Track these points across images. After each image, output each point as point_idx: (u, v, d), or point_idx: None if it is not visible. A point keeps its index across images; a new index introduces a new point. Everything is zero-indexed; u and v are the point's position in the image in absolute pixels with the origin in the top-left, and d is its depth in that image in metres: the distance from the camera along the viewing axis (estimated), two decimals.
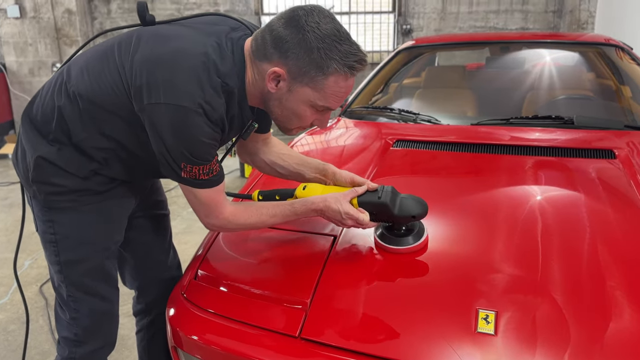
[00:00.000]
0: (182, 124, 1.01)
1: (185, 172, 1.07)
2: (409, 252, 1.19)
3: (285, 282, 1.18)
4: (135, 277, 1.49)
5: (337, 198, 1.18)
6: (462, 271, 1.14)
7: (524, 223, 1.29)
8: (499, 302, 1.04)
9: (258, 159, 1.40)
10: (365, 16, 6.36)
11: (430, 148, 1.77)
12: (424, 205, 1.20)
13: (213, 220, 1.17)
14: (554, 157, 1.63)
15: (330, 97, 1.09)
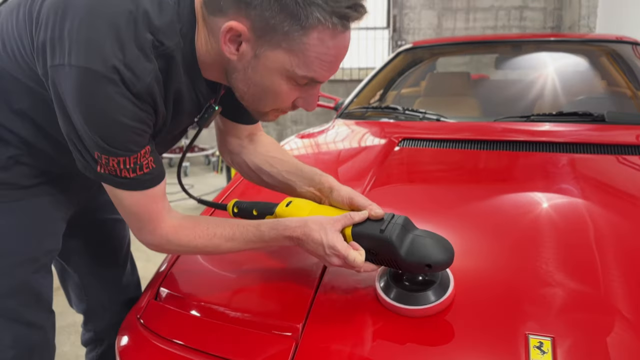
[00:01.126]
0: (89, 96, 0.72)
1: (101, 165, 0.79)
2: (425, 315, 0.82)
3: (271, 303, 0.91)
4: (81, 298, 1.21)
5: (322, 224, 0.83)
6: (502, 287, 0.88)
7: (572, 229, 1.03)
8: (555, 325, 0.78)
9: (240, 161, 1.10)
10: (359, 32, 6.20)
11: (443, 146, 1.52)
12: (447, 248, 0.81)
13: (147, 236, 0.87)
14: (590, 155, 1.39)
15: (313, 62, 0.77)
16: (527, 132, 1.55)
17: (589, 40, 2.39)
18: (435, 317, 0.82)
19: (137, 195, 0.83)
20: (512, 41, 2.50)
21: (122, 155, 0.78)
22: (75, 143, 0.79)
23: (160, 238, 0.87)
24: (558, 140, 1.45)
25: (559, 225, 1.05)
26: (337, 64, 0.81)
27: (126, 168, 0.79)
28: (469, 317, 0.82)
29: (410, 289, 0.84)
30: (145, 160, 0.81)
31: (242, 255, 1.06)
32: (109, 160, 0.77)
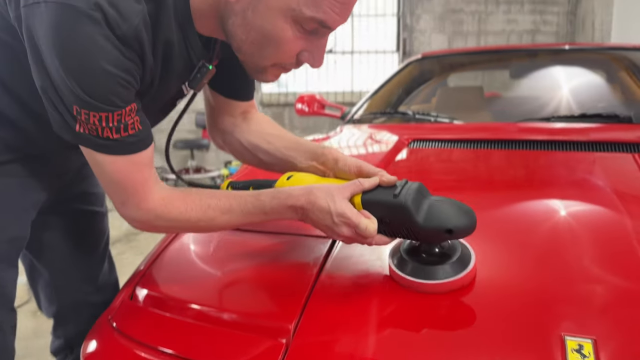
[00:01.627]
0: (67, 37, 0.62)
1: (80, 123, 0.68)
2: (444, 291, 0.73)
3: (260, 302, 0.79)
4: (51, 299, 1.08)
5: (329, 191, 0.74)
6: (532, 285, 0.75)
7: (608, 223, 0.91)
8: (597, 326, 0.65)
9: (233, 140, 0.99)
10: (368, 55, 6.16)
11: (455, 147, 1.41)
12: (468, 213, 0.73)
13: (131, 211, 0.76)
14: (620, 153, 1.26)
15: (323, 0, 0.67)
16: (548, 131, 1.43)
17: (607, 49, 2.28)
18: (452, 319, 0.69)
19: (120, 160, 0.72)
20: (526, 50, 2.40)
21: (105, 110, 0.67)
22: (51, 97, 0.68)
23: (147, 212, 0.76)
24: (582, 139, 1.33)
25: (593, 219, 0.92)
26: (349, 7, 0.71)
27: (109, 127, 0.68)
28: (494, 317, 0.69)
29: (426, 262, 0.75)
30: (130, 119, 0.70)
31: (230, 250, 0.95)
32: (89, 116, 0.67)
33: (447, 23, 6.08)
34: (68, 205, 1.04)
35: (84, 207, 1.07)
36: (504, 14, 6.10)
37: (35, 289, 1.11)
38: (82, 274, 1.09)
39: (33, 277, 1.09)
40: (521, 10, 6.10)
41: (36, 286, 1.10)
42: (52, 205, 0.98)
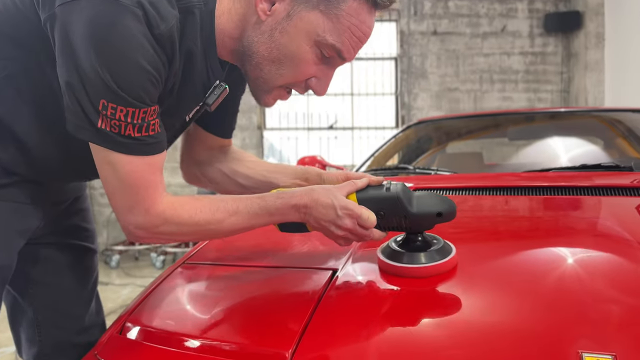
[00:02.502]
0: (108, 29, 0.65)
1: (104, 118, 0.68)
2: (432, 273, 0.79)
3: (258, 330, 0.74)
4: (33, 340, 1.02)
5: (329, 189, 0.79)
6: (538, 301, 0.71)
7: (621, 246, 0.88)
8: (616, 341, 0.61)
9: (211, 169, 1.01)
10: (368, 131, 6.30)
11: (457, 194, 1.39)
12: (449, 201, 0.83)
13: (139, 216, 0.75)
14: (623, 197, 1.25)
15: (345, 32, 0.76)
16: (550, 178, 1.42)
17: (603, 111, 2.33)
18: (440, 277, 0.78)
19: (137, 161, 0.72)
20: (523, 113, 2.45)
21: (133, 105, 0.69)
22: (76, 92, 0.68)
23: (155, 217, 0.76)
24: (585, 184, 1.31)
25: (605, 242, 0.89)
26: (361, 44, 0.80)
27: (132, 123, 0.69)
28: (508, 334, 0.65)
29: (413, 249, 0.82)
30: (152, 120, 0.72)
31: (226, 286, 0.91)
32: (115, 111, 0.68)
33: (443, 101, 6.28)
34: (59, 237, 1.01)
35: (75, 241, 1.04)
36: (499, 92, 6.32)
37: (17, 330, 1.05)
38: (68, 311, 1.04)
39: (15, 317, 1.04)
40: (515, 89, 6.32)
41: (18, 327, 1.04)
42: (43, 236, 0.96)
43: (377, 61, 6.35)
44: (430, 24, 6.28)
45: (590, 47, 5.90)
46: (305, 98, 6.25)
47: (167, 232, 0.78)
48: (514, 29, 6.28)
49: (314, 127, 6.31)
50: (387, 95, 6.36)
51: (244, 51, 0.80)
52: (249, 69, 0.81)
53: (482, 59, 6.29)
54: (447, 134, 2.68)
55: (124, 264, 5.33)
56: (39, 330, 1.02)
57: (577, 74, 6.09)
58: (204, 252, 1.05)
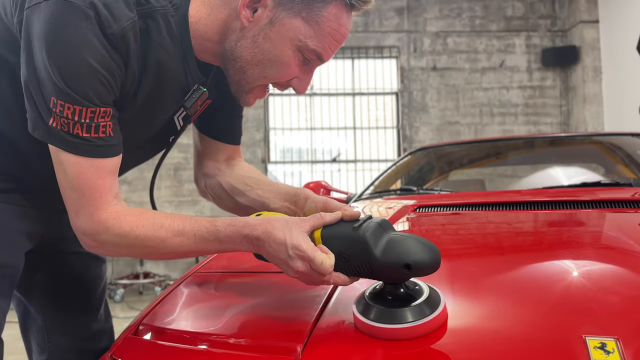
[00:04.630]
0: (59, 26, 0.68)
1: (54, 116, 0.70)
2: (412, 336, 0.65)
3: (268, 326, 0.77)
4: (43, 347, 1.03)
5: (287, 222, 0.71)
6: (537, 295, 0.73)
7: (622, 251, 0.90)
8: (617, 327, 0.63)
9: (214, 183, 1.02)
10: (371, 163, 6.37)
11: (461, 210, 1.42)
12: (430, 248, 0.67)
13: (83, 221, 0.74)
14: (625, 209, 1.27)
15: (325, 37, 0.79)
16: (553, 193, 1.45)
17: (606, 135, 2.38)
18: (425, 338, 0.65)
19: (83, 163, 0.73)
20: (523, 139, 2.50)
21: (80, 103, 0.70)
22: (32, 91, 0.72)
23: (97, 224, 0.74)
24: (588, 198, 1.34)
25: (607, 252, 0.92)
26: (338, 47, 0.82)
27: (80, 122, 0.71)
28: (508, 329, 0.67)
29: (390, 305, 0.68)
30: (103, 122, 0.73)
31: (238, 289, 0.93)
32: (64, 108, 0.70)
33: (444, 134, 6.36)
34: (66, 246, 1.03)
35: (82, 249, 1.04)
36: (499, 124, 6.40)
37: (28, 337, 1.07)
38: (76, 318, 1.05)
39: (26, 324, 1.06)
40: (515, 122, 6.41)
41: (28, 334, 1.06)
42: (51, 244, 0.99)
43: (378, 96, 6.46)
44: (430, 60, 6.43)
45: (588, 81, 6.02)
46: (309, 133, 6.35)
47: (109, 243, 0.76)
48: (512, 64, 6.42)
49: (318, 159, 6.38)
50: (388, 128, 6.45)
51: (227, 55, 0.82)
52: (231, 71, 0.83)
53: (481, 93, 6.41)
54: (448, 160, 2.72)
55: (128, 298, 5.31)
56: (48, 336, 1.04)
57: (576, 106, 6.19)
58: (214, 261, 1.08)
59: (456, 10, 6.44)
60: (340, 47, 0.86)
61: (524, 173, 2.62)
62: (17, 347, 0.90)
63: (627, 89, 5.51)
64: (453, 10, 6.44)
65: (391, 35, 6.38)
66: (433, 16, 6.43)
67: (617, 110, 5.75)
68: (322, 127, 6.37)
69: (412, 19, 6.41)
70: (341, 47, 0.86)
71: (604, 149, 2.32)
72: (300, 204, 0.89)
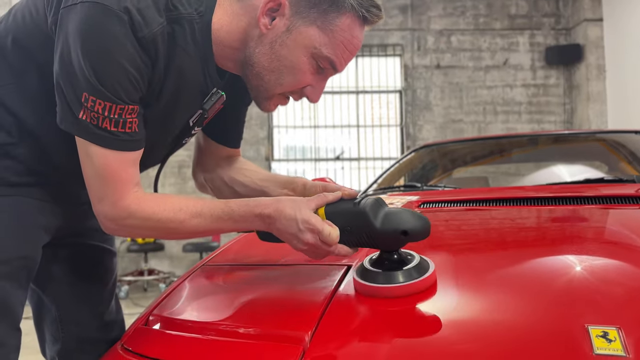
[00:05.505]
0: (94, 29, 0.73)
1: (85, 110, 0.75)
2: (405, 294, 0.75)
3: (277, 316, 0.78)
4: (57, 336, 1.06)
5: (295, 201, 0.79)
6: (541, 286, 0.75)
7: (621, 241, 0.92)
8: (618, 316, 0.65)
9: (215, 177, 1.07)
10: (374, 162, 6.38)
11: (465, 206, 1.43)
12: (422, 218, 0.78)
13: (106, 208, 0.80)
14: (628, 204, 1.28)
15: (339, 46, 0.83)
16: (556, 189, 1.46)
17: (609, 132, 2.39)
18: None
19: (110, 155, 0.78)
20: (526, 136, 2.50)
21: (110, 100, 0.75)
22: (64, 87, 0.76)
23: (121, 210, 0.80)
24: (591, 194, 1.36)
25: (609, 246, 0.93)
26: (352, 57, 0.87)
27: (109, 117, 0.76)
28: (513, 319, 0.68)
29: (387, 269, 0.78)
30: (130, 118, 0.78)
31: (248, 280, 0.95)
32: (95, 104, 0.74)
33: (448, 132, 6.36)
34: (80, 238, 1.06)
35: (95, 242, 1.08)
36: (502, 123, 6.40)
37: (41, 327, 1.09)
38: (90, 309, 1.08)
39: (40, 314, 1.08)
40: (519, 120, 6.41)
41: (42, 324, 1.08)
42: (66, 236, 1.01)
43: (382, 94, 6.47)
44: (434, 58, 6.43)
45: (592, 79, 6.01)
46: (312, 131, 6.36)
47: (132, 226, 0.82)
48: (516, 62, 6.42)
49: (321, 157, 6.40)
50: (392, 126, 6.46)
51: (246, 61, 0.86)
52: (250, 77, 0.87)
53: (485, 91, 6.41)
54: (452, 158, 2.73)
55: (132, 295, 5.34)
56: (62, 326, 1.06)
57: (580, 105, 6.18)
58: (222, 255, 1.10)
59: (460, 9, 6.44)
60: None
61: (528, 170, 2.63)
62: (23, 341, 0.91)
63: (631, 87, 5.51)
64: (457, 8, 6.44)
65: (395, 33, 6.39)
66: (437, 14, 6.43)
67: (620, 108, 5.75)
68: (325, 125, 6.39)
69: (416, 17, 6.41)
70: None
71: (607, 146, 2.33)
72: (298, 190, 0.97)
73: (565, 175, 2.01)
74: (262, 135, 6.27)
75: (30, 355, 1.39)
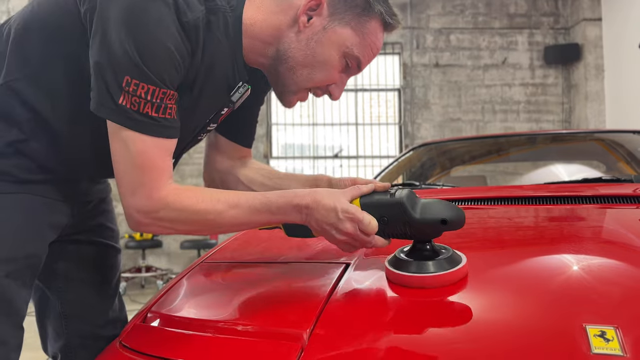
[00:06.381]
0: (141, 12, 0.73)
1: (125, 95, 0.74)
2: (442, 283, 0.76)
3: (275, 313, 0.78)
4: (60, 333, 1.06)
5: (332, 192, 0.79)
6: (539, 285, 0.75)
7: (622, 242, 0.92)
8: (616, 316, 0.65)
9: (230, 177, 1.07)
10: (373, 160, 6.38)
11: (466, 204, 1.44)
12: (457, 208, 0.80)
13: (141, 199, 0.77)
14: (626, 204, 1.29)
15: (366, 47, 0.89)
16: (555, 188, 1.47)
17: (607, 132, 2.39)
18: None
19: (149, 141, 0.77)
20: (525, 135, 2.51)
21: (154, 83, 0.75)
22: (102, 71, 0.74)
23: (157, 202, 0.77)
24: (589, 194, 1.36)
25: (610, 246, 0.93)
26: (372, 59, 0.93)
27: (151, 101, 0.75)
28: (510, 319, 0.69)
29: (420, 258, 0.79)
30: (170, 104, 0.78)
31: (246, 279, 0.95)
32: (137, 88, 0.74)
33: (446, 130, 6.37)
34: (85, 235, 1.06)
35: (100, 239, 1.08)
36: (500, 122, 6.41)
37: (44, 323, 1.08)
38: (93, 305, 1.08)
39: (43, 310, 1.08)
40: (517, 119, 6.41)
41: (45, 320, 1.08)
42: (72, 233, 1.01)
43: (381, 92, 6.48)
44: (433, 57, 6.43)
45: (590, 78, 6.02)
46: (311, 128, 6.36)
47: (167, 219, 0.79)
48: (515, 61, 6.42)
49: (320, 155, 6.40)
50: (390, 125, 6.46)
51: (279, 55, 0.88)
52: (282, 71, 0.89)
53: (483, 90, 6.41)
54: (450, 157, 2.74)
55: (130, 291, 5.34)
56: (66, 322, 1.06)
57: (578, 104, 6.19)
58: (221, 252, 1.10)
59: (459, 7, 6.44)
60: None
61: (526, 169, 2.63)
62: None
63: (629, 87, 5.52)
64: (456, 7, 6.44)
65: (394, 31, 6.37)
66: (436, 13, 6.43)
67: (619, 108, 5.75)
68: (324, 123, 6.39)
69: (415, 15, 6.41)
70: None
71: (605, 145, 2.34)
72: (324, 187, 0.96)
73: (563, 175, 2.02)
74: (260, 133, 6.25)
75: (28, 352, 1.39)
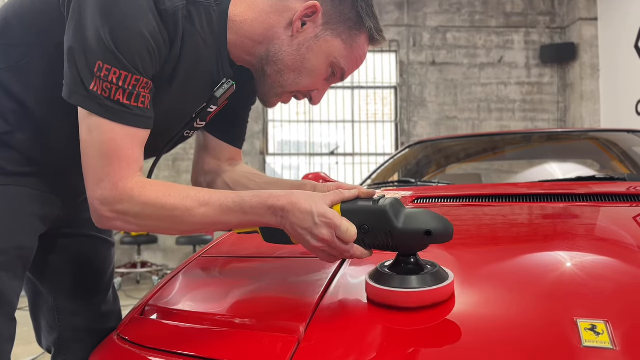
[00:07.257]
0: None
1: (97, 81, 0.72)
2: (425, 301, 0.70)
3: (272, 306, 0.79)
4: (53, 326, 1.06)
5: (310, 195, 0.73)
6: (531, 281, 0.76)
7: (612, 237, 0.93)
8: (606, 310, 0.66)
9: (217, 180, 1.06)
10: (369, 157, 6.40)
11: (458, 202, 1.45)
12: (444, 220, 0.73)
13: (106, 189, 0.73)
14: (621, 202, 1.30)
15: (352, 60, 0.91)
16: (548, 186, 1.48)
17: (602, 131, 2.41)
18: (451, 317, 0.70)
19: (118, 129, 0.74)
20: (520, 133, 2.52)
21: (126, 68, 0.73)
22: (75, 56, 0.73)
23: (121, 193, 0.73)
24: (582, 192, 1.37)
25: (603, 244, 0.95)
26: (355, 70, 0.95)
27: (123, 88, 0.73)
28: (504, 313, 0.70)
29: (404, 272, 0.73)
30: (143, 92, 0.76)
31: (243, 272, 0.96)
32: (109, 73, 0.72)
33: (442, 128, 6.39)
34: (79, 229, 1.06)
35: (93, 232, 1.09)
36: (496, 120, 6.43)
37: (38, 317, 1.09)
38: (87, 299, 1.08)
39: (37, 304, 1.08)
40: (513, 118, 6.44)
41: (39, 314, 1.08)
42: (64, 226, 1.01)
43: (377, 90, 6.49)
44: (429, 55, 6.44)
45: (586, 78, 6.05)
46: (307, 125, 6.37)
47: (131, 213, 0.75)
48: (511, 60, 6.44)
49: (316, 152, 6.41)
50: (387, 122, 6.47)
51: (268, 56, 0.88)
52: (269, 72, 0.89)
53: (479, 88, 6.43)
54: (446, 154, 2.75)
55: (125, 287, 5.34)
56: (59, 315, 1.06)
57: (573, 103, 6.22)
58: (217, 247, 1.11)
59: (456, 6, 6.45)
60: None
61: (521, 168, 2.65)
62: (17, 332, 0.91)
63: (624, 86, 5.55)
64: (453, 5, 6.45)
65: (391, 29, 6.39)
66: (433, 11, 6.44)
67: (613, 107, 5.79)
68: (320, 120, 6.39)
69: (412, 13, 6.41)
70: None
71: (599, 144, 2.35)
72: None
73: (558, 173, 2.03)
74: (257, 129, 6.26)
75: (24, 346, 1.40)
